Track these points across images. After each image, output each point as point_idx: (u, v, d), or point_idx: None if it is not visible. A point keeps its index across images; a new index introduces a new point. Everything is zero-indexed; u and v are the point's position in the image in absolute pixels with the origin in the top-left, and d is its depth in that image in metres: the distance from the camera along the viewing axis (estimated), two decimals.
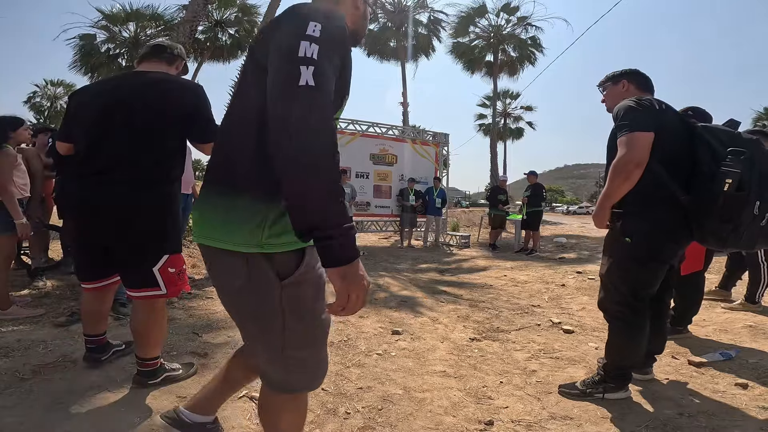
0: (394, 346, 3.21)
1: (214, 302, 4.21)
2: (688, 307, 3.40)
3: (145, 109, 2.09)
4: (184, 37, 7.68)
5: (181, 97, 2.16)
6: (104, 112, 2.10)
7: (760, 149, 2.05)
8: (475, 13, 20.04)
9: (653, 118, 2.16)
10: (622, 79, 2.48)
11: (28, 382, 2.28)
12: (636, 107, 2.19)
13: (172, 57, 2.37)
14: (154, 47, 2.38)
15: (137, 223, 2.08)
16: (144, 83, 2.17)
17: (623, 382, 2.39)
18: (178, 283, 2.20)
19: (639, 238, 2.23)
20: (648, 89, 2.43)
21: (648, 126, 2.12)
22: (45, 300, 3.80)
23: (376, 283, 5.81)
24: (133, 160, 2.07)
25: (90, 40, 18.37)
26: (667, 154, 2.15)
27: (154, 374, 2.29)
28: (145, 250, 2.11)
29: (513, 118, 28.72)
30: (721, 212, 2.00)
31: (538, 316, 4.16)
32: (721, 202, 1.98)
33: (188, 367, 2.53)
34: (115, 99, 2.12)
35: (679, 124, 2.24)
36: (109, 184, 2.06)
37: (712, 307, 4.29)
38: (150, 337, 2.24)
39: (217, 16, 20.33)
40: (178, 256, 2.22)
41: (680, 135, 2.20)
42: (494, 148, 21.85)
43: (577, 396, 2.41)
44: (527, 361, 2.98)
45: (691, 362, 2.90)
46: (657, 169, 2.15)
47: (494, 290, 5.46)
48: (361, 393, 2.39)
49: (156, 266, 2.12)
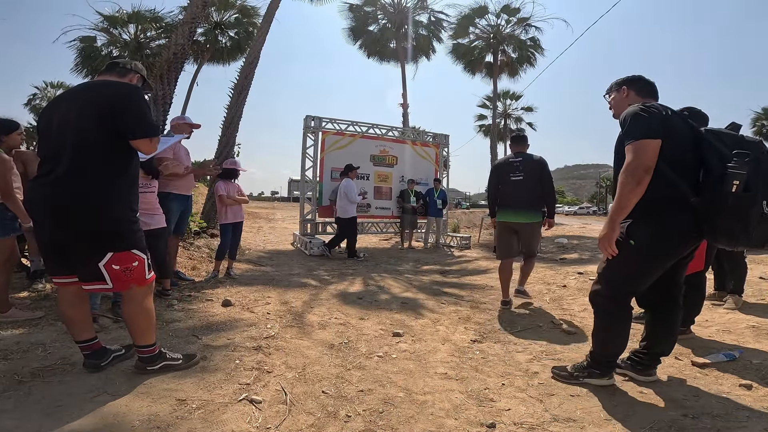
0: (395, 348, 3.19)
1: (213, 305, 4.20)
2: (691, 307, 3.39)
3: (79, 112, 2.24)
4: (183, 38, 7.63)
5: (109, 97, 2.28)
6: (47, 121, 2.31)
7: (763, 151, 2.11)
8: (474, 13, 20.03)
9: (659, 124, 2.21)
10: (623, 86, 2.58)
11: (27, 384, 2.27)
12: (643, 114, 2.24)
13: (124, 70, 2.56)
14: (109, 64, 2.59)
15: (76, 221, 2.20)
16: (79, 89, 2.40)
17: (607, 370, 2.53)
18: (123, 278, 2.32)
19: (645, 240, 2.28)
20: (650, 94, 2.49)
21: (655, 133, 2.19)
22: (44, 302, 3.79)
23: (377, 284, 5.79)
24: (70, 162, 2.19)
25: (90, 42, 18.42)
26: (674, 158, 2.22)
27: (151, 360, 2.48)
28: (87, 247, 2.26)
29: (514, 119, 28.71)
30: (731, 212, 2.08)
31: (539, 318, 4.15)
32: (730, 203, 2.07)
33: (189, 358, 2.66)
34: (56, 107, 2.35)
35: (685, 128, 2.29)
36: (50, 185, 2.21)
37: (715, 307, 4.27)
38: (138, 325, 2.43)
39: (217, 18, 20.35)
40: (127, 253, 2.32)
41: (686, 139, 2.27)
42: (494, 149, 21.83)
43: (566, 378, 2.61)
44: (529, 363, 2.96)
45: (695, 363, 2.88)
46: (666, 172, 2.22)
47: (495, 291, 5.42)
48: (362, 396, 2.37)
49: (101, 262, 2.25)
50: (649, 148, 2.17)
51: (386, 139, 11.08)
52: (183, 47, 7.71)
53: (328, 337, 3.37)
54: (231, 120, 10.26)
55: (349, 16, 20.17)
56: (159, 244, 3.87)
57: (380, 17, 20.47)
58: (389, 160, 10.96)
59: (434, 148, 11.73)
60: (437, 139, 11.92)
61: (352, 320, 3.90)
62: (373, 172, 10.63)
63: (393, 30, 20.21)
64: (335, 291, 5.22)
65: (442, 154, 11.90)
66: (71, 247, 2.27)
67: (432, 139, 11.89)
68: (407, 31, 20.01)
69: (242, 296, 4.63)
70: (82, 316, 2.48)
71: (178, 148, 4.78)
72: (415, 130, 13.48)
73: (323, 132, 9.97)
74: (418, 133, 12.43)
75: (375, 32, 20.62)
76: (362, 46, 21.03)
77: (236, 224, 5.74)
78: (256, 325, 3.57)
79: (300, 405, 2.22)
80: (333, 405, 2.24)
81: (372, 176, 10.60)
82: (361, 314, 4.12)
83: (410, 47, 20.41)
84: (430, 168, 11.54)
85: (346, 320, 3.88)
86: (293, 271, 6.73)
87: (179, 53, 7.67)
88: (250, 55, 10.77)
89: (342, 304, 4.55)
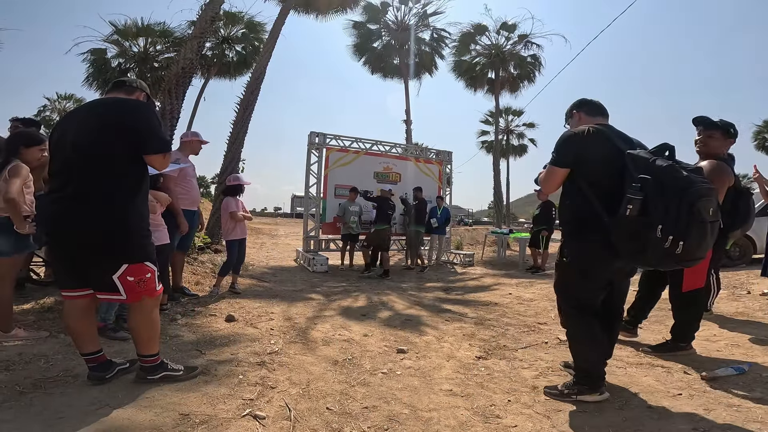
0: (399, 364, 3.16)
1: (217, 320, 4.18)
2: (690, 323, 3.37)
3: (94, 128, 2.28)
4: (192, 53, 7.73)
5: (120, 114, 2.33)
6: (60, 137, 2.34)
7: (672, 175, 2.12)
8: (476, 31, 20.28)
9: (575, 152, 2.42)
10: (573, 110, 2.75)
11: (29, 396, 2.26)
12: (565, 140, 2.50)
13: (130, 88, 2.60)
14: (116, 82, 2.64)
15: (92, 237, 2.24)
16: (88, 107, 2.45)
17: (594, 385, 2.51)
18: (137, 290, 2.35)
19: (573, 258, 2.50)
20: (598, 113, 2.66)
21: (565, 163, 2.47)
22: (48, 315, 3.78)
23: (381, 301, 5.76)
24: (86, 179, 2.24)
25: (101, 54, 18.71)
26: (591, 181, 2.38)
27: (153, 370, 2.52)
28: (102, 260, 2.29)
29: (516, 135, 28.86)
30: (626, 234, 2.20)
31: (545, 334, 4.11)
32: (624, 225, 2.17)
33: (190, 370, 2.68)
34: (69, 123, 2.38)
35: (610, 152, 2.36)
36: (60, 201, 2.25)
37: (723, 322, 4.24)
38: (141, 335, 2.47)
39: (224, 32, 20.64)
40: (141, 265, 2.36)
41: (611, 162, 2.33)
42: (497, 166, 21.89)
43: (557, 396, 2.58)
44: (535, 379, 2.92)
45: (704, 377, 2.84)
46: (588, 193, 2.37)
47: (500, 308, 5.40)
48: (367, 412, 2.34)
49: (115, 274, 2.29)
50: (556, 176, 2.52)
51: (390, 156, 11.12)
52: (191, 62, 7.82)
53: (332, 353, 3.35)
54: (236, 135, 10.34)
55: (354, 33, 20.44)
56: (160, 259, 3.86)
57: (384, 34, 20.72)
58: (393, 177, 10.98)
59: (437, 165, 11.76)
60: (440, 156, 11.97)
61: (356, 336, 3.87)
62: (377, 189, 10.59)
63: (396, 47, 20.45)
64: (339, 307, 5.20)
65: (445, 171, 11.93)
66: (86, 261, 2.30)
67: (435, 156, 11.94)
68: (410, 47, 20.23)
69: (246, 311, 4.61)
70: (88, 329, 2.48)
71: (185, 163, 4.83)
72: (418, 146, 13.54)
73: (327, 148, 10.01)
74: (421, 149, 12.49)
75: (379, 49, 20.87)
76: (366, 63, 21.27)
77: (242, 240, 5.76)
78: (260, 341, 3.55)
79: (304, 421, 2.19)
80: (337, 422, 2.21)
81: (375, 193, 10.57)
82: (365, 330, 4.09)
83: (413, 63, 20.60)
84: (434, 185, 11.52)
85: (349, 336, 3.85)
86: (296, 287, 6.71)
87: (188, 68, 7.77)
88: (257, 71, 10.87)
89: (346, 320, 4.52)
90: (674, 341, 3.38)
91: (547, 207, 9.33)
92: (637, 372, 3.01)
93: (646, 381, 2.84)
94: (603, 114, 2.65)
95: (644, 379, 2.86)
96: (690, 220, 2.05)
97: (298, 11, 15.11)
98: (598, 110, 2.66)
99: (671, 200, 2.07)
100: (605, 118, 2.64)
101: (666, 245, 2.07)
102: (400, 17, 20.29)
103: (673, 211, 2.06)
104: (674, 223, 2.05)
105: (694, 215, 2.05)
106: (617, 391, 2.64)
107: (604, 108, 2.68)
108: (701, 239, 2.10)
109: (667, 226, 2.06)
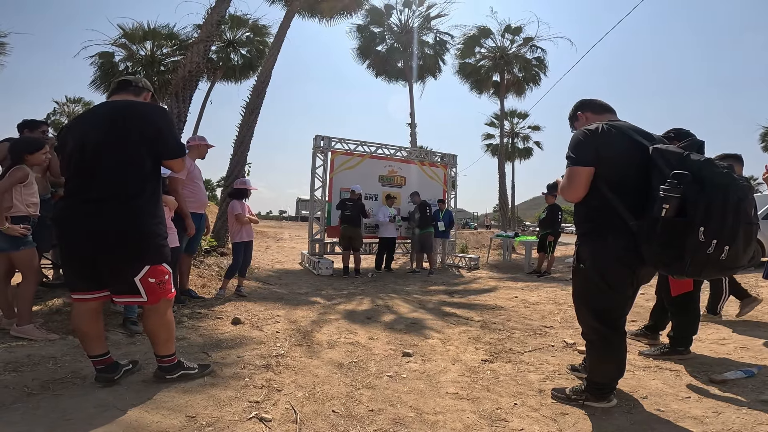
0: (404, 368, 3.16)
1: (223, 322, 4.19)
2: (686, 327, 3.34)
3: (109, 132, 2.28)
4: (198, 56, 7.78)
5: (142, 119, 2.34)
6: (75, 141, 2.32)
7: (712, 170, 1.90)
8: (480, 34, 20.25)
9: (595, 149, 2.21)
10: (578, 112, 2.62)
11: (36, 397, 2.27)
12: (581, 139, 2.27)
13: (137, 89, 2.61)
14: (121, 81, 2.62)
15: (116, 241, 2.25)
16: (108, 110, 2.40)
17: (605, 394, 2.44)
18: (157, 291, 2.39)
19: (590, 261, 2.31)
20: (605, 110, 2.53)
21: (588, 161, 2.22)
22: (56, 316, 3.80)
23: (385, 304, 5.76)
24: (107, 181, 2.26)
25: (109, 58, 18.84)
26: (613, 181, 2.19)
27: (171, 370, 2.58)
28: (124, 263, 2.30)
29: (521, 138, 28.76)
30: (660, 238, 1.96)
31: (551, 337, 4.09)
32: (660, 228, 1.94)
33: (204, 368, 2.76)
34: (82, 127, 2.36)
35: (630, 149, 2.21)
36: (81, 204, 2.27)
37: (732, 325, 4.21)
38: (159, 337, 2.52)
39: (230, 36, 20.73)
40: (160, 266, 2.40)
41: (632, 158, 2.18)
42: (502, 168, 21.83)
43: (563, 400, 2.53)
44: (542, 383, 2.90)
45: (713, 380, 2.83)
46: (608, 195, 2.18)
47: (505, 311, 5.38)
48: (373, 415, 2.34)
49: (137, 276, 2.31)
50: (580, 176, 2.24)
51: (395, 159, 11.10)
52: (198, 65, 7.86)
53: (337, 356, 3.35)
54: (242, 139, 10.36)
55: (357, 36, 20.46)
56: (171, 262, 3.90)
57: (387, 37, 20.74)
58: (397, 180, 10.97)
59: (442, 168, 11.73)
60: (445, 159, 11.93)
61: (361, 339, 3.87)
62: (382, 192, 10.57)
63: (400, 50, 20.45)
64: (343, 310, 5.20)
65: (450, 174, 11.91)
66: (106, 264, 2.30)
67: (440, 159, 11.91)
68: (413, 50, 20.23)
69: (251, 314, 4.63)
70: (96, 332, 2.49)
71: (192, 167, 4.85)
72: (422, 150, 13.52)
73: (332, 152, 10.01)
74: (426, 153, 12.46)
75: (382, 52, 20.86)
76: (370, 66, 21.28)
77: (248, 243, 5.78)
78: (266, 344, 3.55)
79: (310, 424, 2.19)
80: (343, 424, 2.21)
81: (380, 197, 10.54)
82: (370, 334, 4.08)
83: (416, 66, 20.59)
84: (439, 188, 11.50)
85: (355, 339, 3.85)
86: (301, 290, 6.72)
87: (194, 71, 7.82)
88: (262, 74, 10.91)
89: (350, 323, 4.52)
90: (672, 346, 3.36)
91: (554, 210, 9.30)
92: (645, 375, 2.99)
93: (654, 384, 2.82)
94: (610, 110, 2.52)
95: (652, 383, 2.85)
96: (737, 221, 1.83)
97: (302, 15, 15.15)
98: (604, 107, 2.54)
99: (715, 198, 1.83)
100: (613, 114, 2.50)
101: (709, 250, 1.84)
102: (404, 20, 20.31)
103: (717, 211, 1.82)
104: (720, 225, 1.81)
105: (740, 215, 1.83)
106: (625, 395, 2.62)
107: (609, 104, 2.55)
108: (748, 243, 1.88)
109: (711, 228, 1.82)
